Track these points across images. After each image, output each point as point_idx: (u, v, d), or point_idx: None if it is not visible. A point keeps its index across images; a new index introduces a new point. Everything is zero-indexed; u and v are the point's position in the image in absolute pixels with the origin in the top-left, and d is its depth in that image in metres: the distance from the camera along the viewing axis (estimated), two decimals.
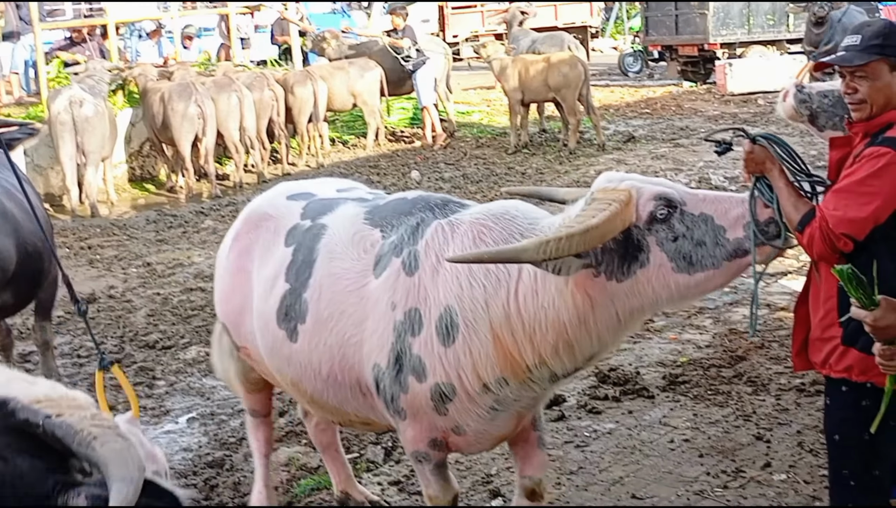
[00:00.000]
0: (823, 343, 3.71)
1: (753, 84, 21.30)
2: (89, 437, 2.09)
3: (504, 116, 18.12)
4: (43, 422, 2.11)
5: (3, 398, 2.15)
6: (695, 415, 6.13)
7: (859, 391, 3.62)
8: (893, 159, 3.45)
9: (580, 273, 3.61)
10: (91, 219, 13.33)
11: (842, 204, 3.48)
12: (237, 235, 4.55)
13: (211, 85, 14.49)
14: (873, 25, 3.68)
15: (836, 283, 3.59)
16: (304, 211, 4.36)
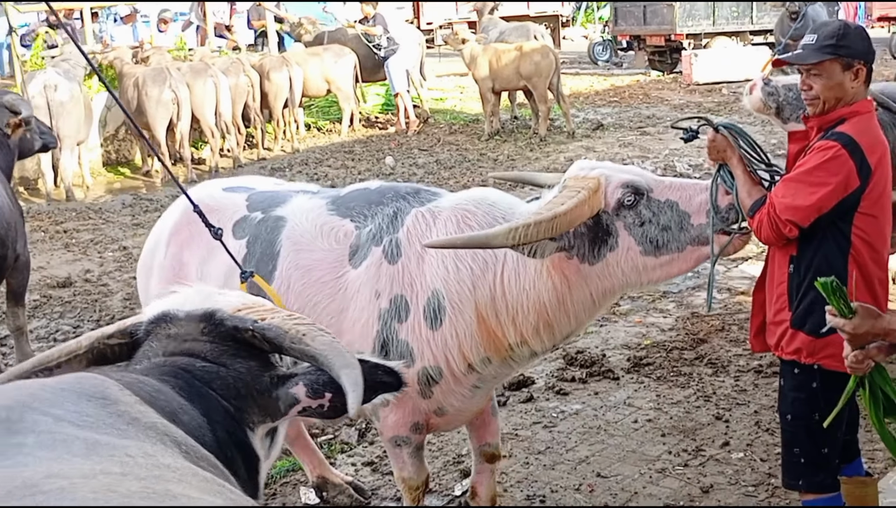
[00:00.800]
0: (776, 326, 3.95)
1: (718, 74, 21.70)
2: (299, 334, 2.26)
3: (477, 103, 18.27)
4: (252, 327, 2.28)
5: (211, 309, 2.32)
6: (658, 396, 6.32)
7: (810, 373, 3.84)
8: (839, 153, 3.67)
9: (556, 256, 3.82)
10: (66, 203, 13.30)
11: (790, 192, 3.71)
12: (176, 228, 4.43)
13: (187, 70, 14.48)
14: (829, 26, 3.88)
15: (787, 270, 3.85)
16: (250, 203, 4.32)
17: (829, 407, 3.82)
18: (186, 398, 2.07)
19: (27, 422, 1.52)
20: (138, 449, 1.51)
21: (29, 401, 1.60)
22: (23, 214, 7.30)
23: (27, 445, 1.45)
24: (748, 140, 3.99)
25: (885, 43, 25.13)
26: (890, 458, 5.17)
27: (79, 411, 1.62)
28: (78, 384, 1.78)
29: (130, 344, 2.35)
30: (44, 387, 1.71)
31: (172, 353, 2.24)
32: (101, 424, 1.59)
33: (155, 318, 2.34)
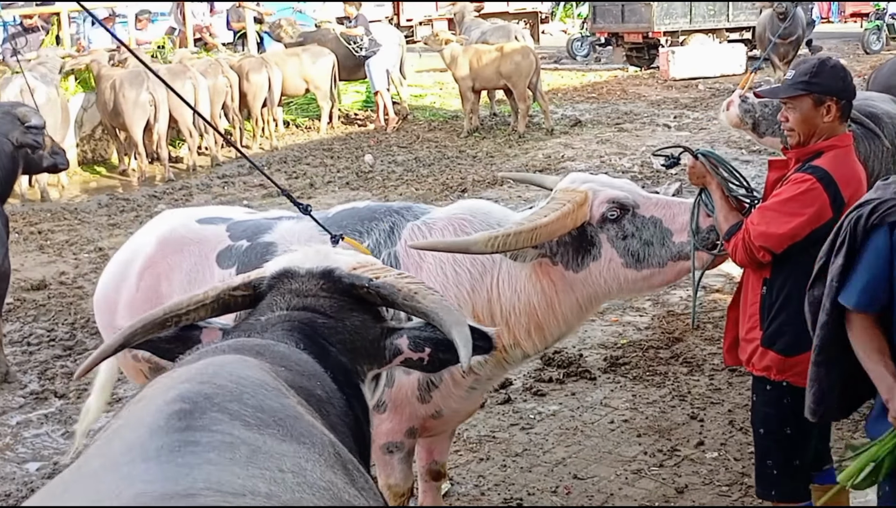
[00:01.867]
0: (747, 344, 4.12)
1: (694, 70, 21.98)
2: (410, 292, 2.45)
3: (456, 100, 18.31)
4: (368, 284, 2.46)
5: (330, 267, 2.50)
6: (634, 396, 6.38)
7: (780, 389, 4.00)
8: (814, 186, 3.82)
9: (543, 263, 3.97)
10: (41, 203, 13.15)
11: (764, 220, 3.87)
12: (151, 260, 4.35)
13: (165, 72, 14.44)
14: (807, 63, 4.04)
15: (760, 291, 4.03)
16: (231, 233, 4.30)
17: (798, 422, 3.96)
18: (310, 354, 2.25)
19: (206, 419, 1.62)
20: (293, 463, 1.62)
21: (213, 394, 1.72)
22: (7, 223, 7.27)
23: (200, 444, 1.55)
24: (727, 167, 4.14)
25: (858, 38, 25.33)
26: None
27: (255, 406, 1.75)
28: (253, 370, 1.92)
29: (253, 296, 2.52)
30: (230, 376, 1.84)
31: (294, 308, 2.43)
32: (267, 424, 1.71)
33: (277, 274, 2.52)
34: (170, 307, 2.52)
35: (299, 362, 2.16)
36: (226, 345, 2.18)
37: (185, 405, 1.64)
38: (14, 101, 8.82)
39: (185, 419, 1.60)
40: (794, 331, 3.90)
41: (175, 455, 1.49)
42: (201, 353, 2.15)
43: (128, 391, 6.84)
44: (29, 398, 6.90)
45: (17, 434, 6.36)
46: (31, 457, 6.06)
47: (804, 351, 3.82)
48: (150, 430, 1.56)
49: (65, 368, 7.40)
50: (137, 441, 1.53)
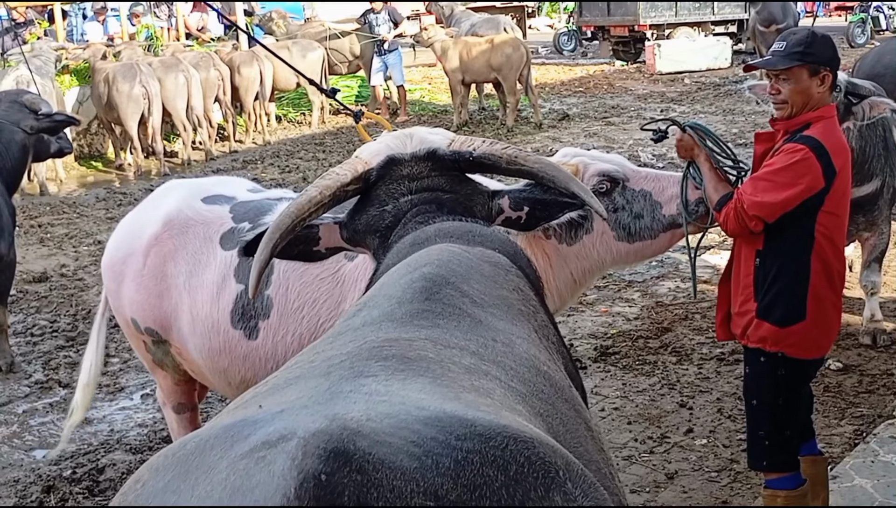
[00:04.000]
0: (741, 317, 4.16)
1: (680, 64, 22.12)
2: (512, 157, 2.67)
3: (445, 94, 18.44)
4: (471, 157, 2.68)
5: (432, 147, 2.69)
6: (624, 384, 6.45)
7: (774, 360, 4.06)
8: (806, 155, 3.88)
9: (536, 237, 4.03)
10: (40, 197, 13.29)
11: (758, 190, 3.92)
12: (155, 239, 4.34)
13: (158, 65, 14.56)
14: (798, 34, 4.09)
15: (753, 263, 4.08)
16: (234, 214, 4.32)
17: (790, 393, 4.08)
18: None
19: (442, 294, 1.90)
20: (505, 336, 1.86)
21: (448, 276, 1.98)
22: (14, 214, 7.35)
23: (434, 313, 1.83)
24: (714, 139, 4.21)
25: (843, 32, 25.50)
26: (846, 443, 5.45)
27: (481, 289, 2.00)
28: (477, 259, 2.17)
29: (363, 188, 2.69)
30: (462, 261, 2.10)
31: (415, 191, 2.63)
32: (490, 304, 1.97)
33: (384, 163, 2.67)
34: (295, 213, 2.68)
35: (497, 239, 2.44)
36: (434, 232, 2.41)
37: (427, 282, 1.92)
38: (18, 88, 8.81)
39: (426, 292, 1.88)
40: (789, 302, 3.97)
41: (414, 318, 1.79)
42: (417, 240, 2.39)
43: (129, 381, 7.10)
44: (34, 388, 7.04)
45: (23, 423, 6.51)
46: (37, 444, 6.20)
47: (798, 321, 3.97)
48: (398, 301, 1.87)
49: (68, 358, 7.53)
50: (388, 309, 1.84)
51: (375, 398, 1.38)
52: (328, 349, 1.71)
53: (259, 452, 1.20)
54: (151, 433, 6.20)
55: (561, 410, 1.73)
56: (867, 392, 6.06)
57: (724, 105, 17.72)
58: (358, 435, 1.19)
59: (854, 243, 7.15)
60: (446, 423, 1.28)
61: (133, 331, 4.57)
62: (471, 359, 1.68)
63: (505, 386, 1.63)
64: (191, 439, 1.35)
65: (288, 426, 1.23)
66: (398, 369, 1.53)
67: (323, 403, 1.36)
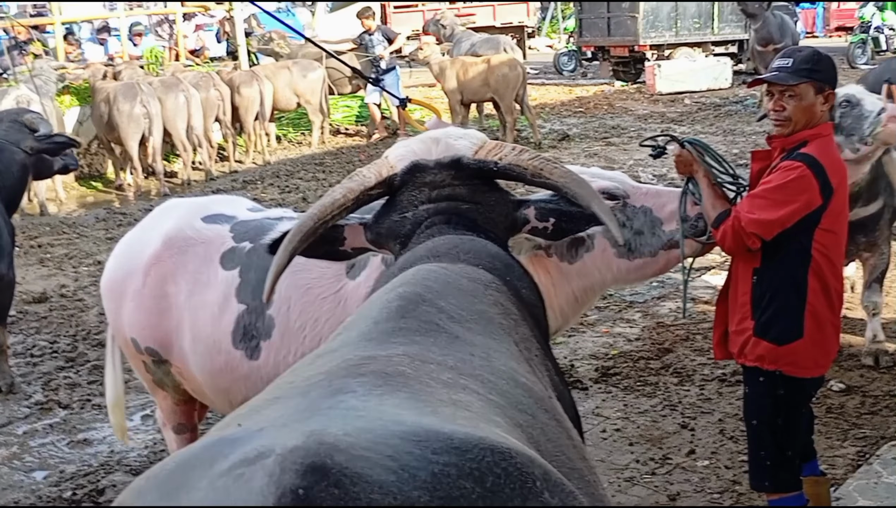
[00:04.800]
0: (738, 335, 4.15)
1: (680, 84, 22.13)
2: (538, 169, 2.67)
3: (445, 114, 18.44)
4: (496, 167, 2.66)
5: (457, 155, 2.68)
6: (625, 405, 6.42)
7: (773, 379, 4.05)
8: (803, 173, 3.88)
9: (538, 255, 4.03)
10: (40, 217, 13.28)
11: (755, 207, 3.92)
12: (156, 258, 4.33)
13: (158, 85, 14.59)
14: (804, 52, 4.10)
15: (750, 281, 4.07)
16: (235, 233, 4.30)
17: (790, 412, 4.06)
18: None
19: (418, 311, 1.91)
20: (482, 351, 1.87)
21: (424, 293, 1.99)
22: (13, 233, 7.34)
23: (410, 329, 1.84)
24: (713, 154, 4.20)
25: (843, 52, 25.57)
26: (849, 464, 5.42)
27: (458, 305, 2.01)
28: (454, 276, 2.18)
29: (387, 192, 2.70)
30: (440, 279, 2.11)
31: (435, 200, 2.63)
32: (467, 320, 1.98)
33: (408, 169, 2.68)
34: (317, 215, 2.70)
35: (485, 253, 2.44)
36: (424, 252, 2.41)
37: (402, 301, 1.93)
38: (19, 108, 8.80)
39: (402, 310, 1.90)
40: (786, 320, 3.97)
41: (390, 336, 1.80)
42: (405, 265, 2.38)
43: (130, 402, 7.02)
44: (34, 409, 7.01)
45: (23, 444, 6.47)
46: (37, 466, 6.17)
47: (796, 339, 3.96)
48: (374, 321, 1.89)
49: (68, 379, 7.51)
50: (365, 329, 1.85)
51: (353, 413, 1.39)
52: (307, 370, 1.72)
53: (238, 469, 1.21)
54: (152, 455, 6.16)
55: (541, 420, 1.75)
56: (870, 414, 6.04)
57: (725, 125, 17.75)
58: (335, 450, 1.20)
59: (856, 264, 7.15)
60: (423, 437, 1.29)
61: (133, 351, 4.55)
62: (448, 374, 1.69)
63: (483, 399, 1.64)
64: (171, 459, 1.37)
65: (266, 444, 1.24)
66: (376, 384, 1.55)
67: (301, 420, 1.37)
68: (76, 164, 8.54)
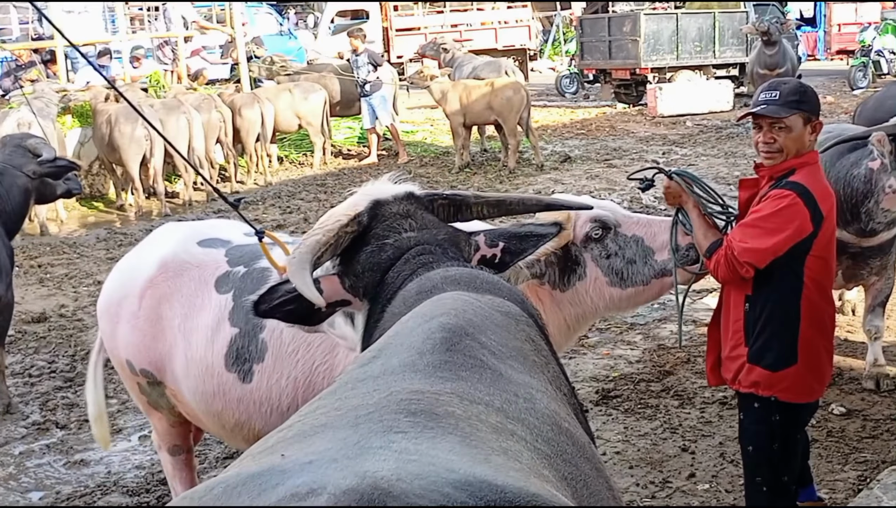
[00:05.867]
0: (732, 362, 4.17)
1: (682, 107, 22.28)
2: (478, 193, 2.90)
3: (447, 136, 18.53)
4: (445, 196, 2.85)
5: (407, 189, 2.83)
6: (626, 428, 6.41)
7: (768, 405, 4.06)
8: (794, 201, 3.92)
9: (531, 284, 4.04)
10: (41, 237, 13.27)
11: (747, 236, 3.95)
12: (151, 281, 4.35)
13: (160, 107, 14.63)
14: (789, 84, 4.13)
15: (743, 308, 4.10)
16: (230, 258, 4.32)
17: (786, 437, 4.07)
18: None
19: (462, 346, 1.91)
20: (525, 391, 1.87)
21: (466, 327, 2.00)
22: (12, 255, 7.35)
23: (456, 364, 1.84)
24: (701, 185, 4.22)
25: (844, 75, 25.63)
26: (850, 488, 5.39)
27: (497, 341, 2.02)
28: (488, 310, 2.20)
29: (358, 231, 2.78)
30: (478, 312, 2.13)
31: (411, 229, 2.73)
32: (508, 356, 1.99)
33: (371, 205, 2.79)
34: (311, 255, 2.72)
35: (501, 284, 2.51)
36: (440, 280, 2.44)
37: (446, 333, 1.93)
38: (22, 133, 8.83)
39: (446, 343, 1.89)
40: (780, 346, 3.99)
41: (436, 370, 1.79)
42: (423, 288, 2.41)
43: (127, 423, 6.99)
44: (31, 429, 6.99)
45: (20, 464, 6.45)
46: (33, 486, 6.14)
47: (790, 365, 3.96)
48: (419, 351, 1.89)
49: (66, 399, 7.50)
50: (409, 359, 1.85)
51: (405, 456, 1.37)
52: (352, 397, 1.70)
53: (287, 504, 1.19)
54: (149, 476, 6.14)
55: (584, 470, 1.74)
56: (871, 438, 6.01)
57: (726, 148, 17.79)
58: (388, 496, 1.19)
59: (858, 288, 7.12)
60: (476, 488, 1.28)
61: (128, 373, 4.56)
62: (496, 417, 1.68)
63: (531, 448, 1.63)
64: (217, 484, 1.34)
65: (317, 480, 1.22)
66: (427, 426, 1.53)
67: (352, 458, 1.35)
68: (80, 188, 8.50)
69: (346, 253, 2.80)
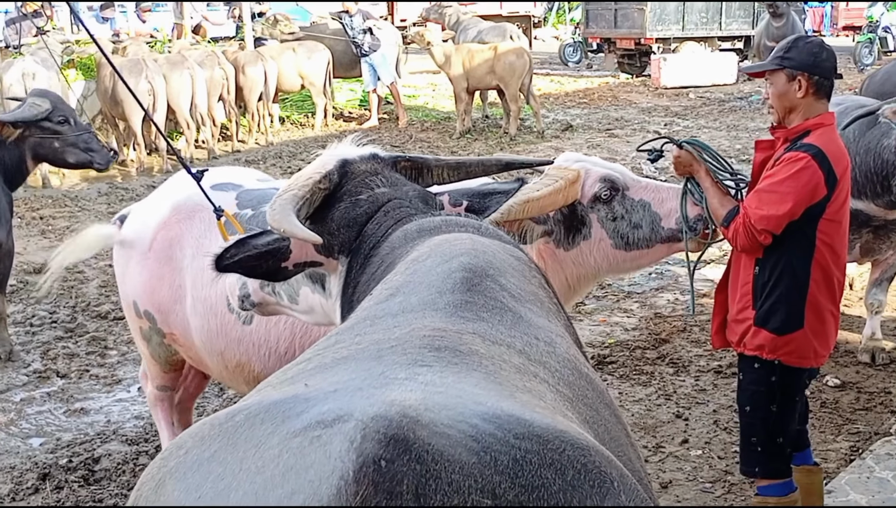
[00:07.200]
0: (738, 324, 4.17)
1: (685, 79, 22.16)
2: (436, 157, 2.98)
3: (448, 101, 18.47)
4: (408, 157, 2.95)
5: (371, 151, 2.91)
6: (620, 394, 6.46)
7: (770, 368, 4.08)
8: (808, 164, 3.88)
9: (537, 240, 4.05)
10: (43, 190, 13.26)
11: (763, 203, 3.92)
12: (164, 224, 4.46)
13: (163, 62, 14.56)
14: (786, 40, 4.12)
15: (752, 271, 4.09)
16: (239, 201, 4.37)
17: (785, 399, 4.09)
18: None
19: (483, 286, 1.92)
20: (545, 335, 1.88)
21: (486, 268, 2.01)
22: (11, 203, 7.35)
23: (477, 305, 1.85)
24: (711, 153, 4.20)
25: (850, 52, 25.54)
26: (842, 458, 5.46)
27: (516, 284, 2.03)
28: (503, 253, 2.22)
29: (330, 188, 2.82)
30: (495, 254, 2.14)
31: (383, 185, 2.78)
32: (527, 299, 2.00)
33: (339, 164, 2.85)
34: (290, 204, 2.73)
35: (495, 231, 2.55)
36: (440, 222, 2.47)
37: (467, 273, 1.94)
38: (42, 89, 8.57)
39: (467, 283, 1.90)
40: (787, 309, 3.99)
41: (457, 309, 1.80)
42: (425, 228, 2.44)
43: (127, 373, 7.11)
44: (32, 377, 7.07)
45: (20, 411, 6.53)
46: (34, 433, 6.23)
47: (796, 329, 3.98)
48: (439, 290, 1.89)
49: (66, 349, 7.56)
50: (429, 297, 1.85)
51: (431, 388, 1.37)
52: (372, 332, 1.70)
53: (314, 431, 1.19)
54: (147, 426, 6.21)
55: (604, 416, 1.74)
56: (864, 410, 6.08)
57: (729, 120, 17.77)
58: (417, 424, 1.18)
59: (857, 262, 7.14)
60: (504, 420, 1.28)
61: (133, 314, 4.72)
62: (518, 358, 1.68)
63: (553, 390, 1.63)
64: (239, 410, 1.34)
65: (343, 407, 1.22)
66: (451, 361, 1.53)
67: (378, 387, 1.34)
68: (102, 163, 7.99)
69: (315, 214, 2.81)
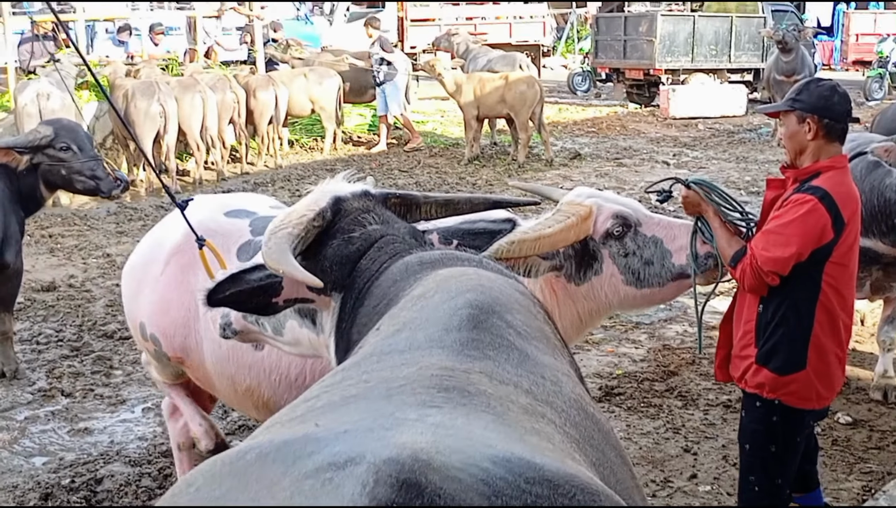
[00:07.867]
0: (741, 360, 4.17)
1: (694, 109, 22.23)
2: (426, 193, 2.95)
3: (457, 127, 18.51)
4: (398, 193, 2.94)
5: (363, 188, 2.88)
6: (628, 426, 6.41)
7: (770, 407, 4.06)
8: (815, 207, 3.89)
9: (548, 275, 4.03)
10: (52, 208, 13.11)
11: (770, 244, 3.92)
12: (178, 249, 4.48)
13: (175, 85, 14.64)
14: (800, 83, 4.15)
15: (756, 309, 4.08)
16: (253, 228, 4.39)
17: (786, 441, 4.06)
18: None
19: (489, 324, 1.91)
20: (552, 374, 1.87)
21: (493, 305, 2.00)
22: (23, 225, 7.33)
23: (483, 342, 1.84)
24: (719, 192, 4.19)
25: (860, 86, 25.58)
26: (854, 498, 5.40)
27: (522, 320, 2.02)
28: (509, 289, 2.21)
29: (323, 226, 2.81)
30: (502, 290, 2.13)
31: (374, 223, 2.78)
32: (533, 337, 1.99)
33: (332, 201, 2.83)
34: (286, 243, 2.73)
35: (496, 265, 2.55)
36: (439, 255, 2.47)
37: (473, 310, 1.93)
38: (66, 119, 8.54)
39: (473, 320, 1.88)
40: (789, 350, 3.98)
41: (464, 347, 1.79)
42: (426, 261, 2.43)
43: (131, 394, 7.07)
44: (37, 395, 7.05)
45: (24, 429, 6.50)
46: (37, 452, 6.20)
47: (798, 370, 3.96)
48: (445, 327, 1.86)
49: (72, 367, 7.55)
50: (436, 334, 1.84)
51: (442, 430, 1.36)
52: (379, 369, 1.69)
53: (325, 473, 1.18)
54: (151, 447, 6.19)
55: (610, 458, 1.73)
56: (877, 448, 6.02)
57: (738, 152, 17.78)
58: (429, 468, 1.18)
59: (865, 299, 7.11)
60: (515, 464, 1.27)
61: (139, 336, 4.76)
62: (525, 398, 1.67)
63: (561, 431, 1.62)
64: (250, 449, 1.33)
65: (355, 449, 1.21)
66: (460, 402, 1.52)
67: (388, 429, 1.34)
68: (109, 192, 7.90)
69: (307, 252, 2.81)
